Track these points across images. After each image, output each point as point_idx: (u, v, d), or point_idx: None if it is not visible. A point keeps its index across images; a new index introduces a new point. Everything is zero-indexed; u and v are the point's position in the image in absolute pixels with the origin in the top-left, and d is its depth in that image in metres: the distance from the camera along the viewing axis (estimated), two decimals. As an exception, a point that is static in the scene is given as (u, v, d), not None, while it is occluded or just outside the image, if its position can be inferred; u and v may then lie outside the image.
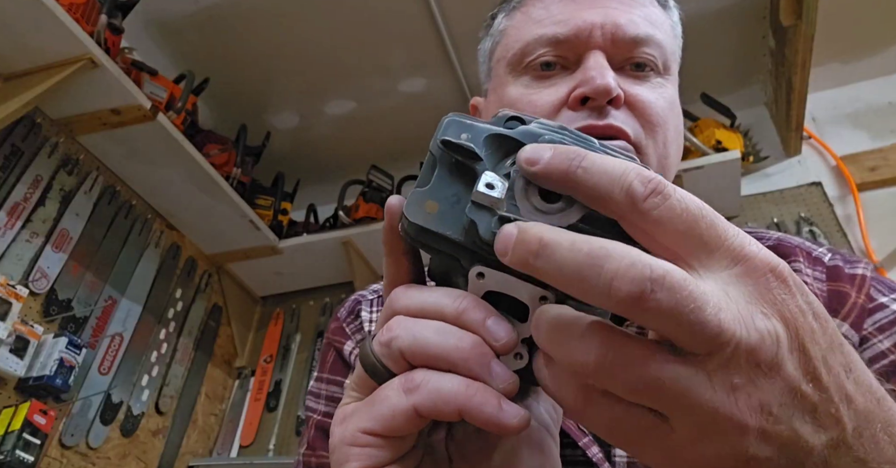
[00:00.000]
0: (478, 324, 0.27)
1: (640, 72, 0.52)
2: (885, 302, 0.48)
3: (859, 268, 0.51)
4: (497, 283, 0.27)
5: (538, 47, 0.52)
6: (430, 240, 0.28)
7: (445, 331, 0.27)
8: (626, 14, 0.52)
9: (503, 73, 0.56)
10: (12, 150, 1.51)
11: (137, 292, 1.80)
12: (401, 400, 0.27)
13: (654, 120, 0.50)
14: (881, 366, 0.45)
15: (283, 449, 1.95)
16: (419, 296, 0.29)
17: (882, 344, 0.45)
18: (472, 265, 0.28)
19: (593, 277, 0.21)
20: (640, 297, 0.20)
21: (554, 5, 0.54)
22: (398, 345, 0.28)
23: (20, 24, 1.38)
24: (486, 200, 0.26)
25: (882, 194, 1.87)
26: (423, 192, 0.28)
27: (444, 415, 0.26)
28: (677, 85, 0.56)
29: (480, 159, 0.28)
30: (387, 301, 0.30)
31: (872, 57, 2.03)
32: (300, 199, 2.27)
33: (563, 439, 0.45)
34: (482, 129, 0.28)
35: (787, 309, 0.22)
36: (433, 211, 0.27)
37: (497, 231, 0.25)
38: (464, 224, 0.27)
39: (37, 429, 1.36)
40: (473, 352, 0.27)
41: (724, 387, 0.21)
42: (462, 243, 0.27)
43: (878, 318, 0.47)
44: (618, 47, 0.51)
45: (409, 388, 0.27)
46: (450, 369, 0.27)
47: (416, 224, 0.27)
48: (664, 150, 0.51)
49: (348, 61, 2.02)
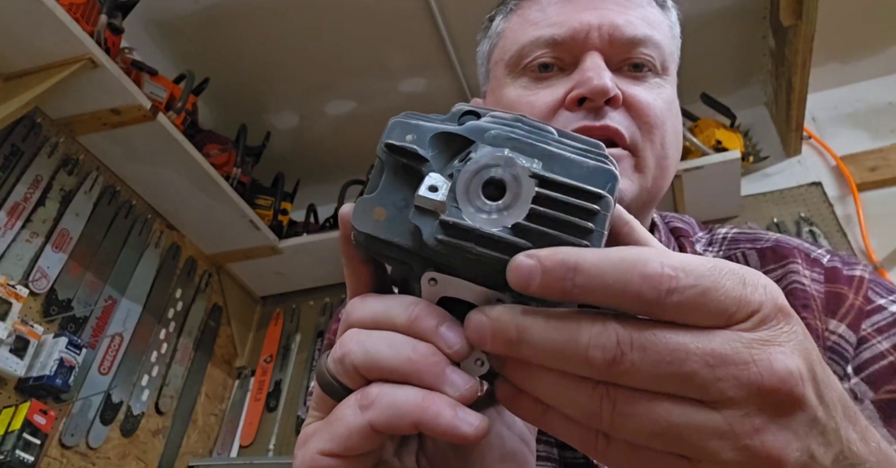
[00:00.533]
0: (430, 331, 0.26)
1: (637, 72, 0.52)
2: (884, 304, 0.48)
3: (857, 270, 0.51)
4: (451, 288, 0.27)
5: (535, 49, 0.52)
6: (381, 248, 0.27)
7: (397, 343, 0.26)
8: (623, 15, 0.52)
9: (501, 74, 0.56)
10: (12, 150, 1.51)
11: (137, 292, 1.80)
12: (357, 417, 0.26)
13: (652, 121, 0.50)
14: (880, 366, 0.45)
15: (283, 449, 1.95)
16: (372, 306, 0.28)
17: (881, 345, 0.45)
18: (423, 271, 0.27)
19: (571, 351, 0.22)
20: (614, 361, 0.22)
21: (550, 7, 0.53)
22: (351, 361, 0.27)
23: (20, 24, 1.38)
24: (428, 204, 0.25)
25: (882, 194, 1.87)
26: (370, 200, 0.27)
27: (401, 428, 0.26)
28: (676, 85, 0.56)
29: (426, 161, 0.26)
30: (343, 313, 0.29)
31: (872, 57, 2.03)
32: (300, 199, 2.27)
33: (563, 442, 0.45)
34: (428, 128, 0.27)
35: (800, 343, 0.22)
36: (381, 218, 0.27)
37: (440, 237, 0.24)
38: (410, 229, 0.26)
39: (37, 429, 1.36)
40: (427, 362, 0.26)
41: (750, 428, 0.21)
42: (411, 249, 0.26)
43: (877, 320, 0.47)
44: (615, 48, 0.51)
45: (365, 405, 0.26)
46: (405, 381, 0.26)
47: (364, 232, 0.27)
48: (662, 150, 0.51)
49: (348, 61, 2.02)
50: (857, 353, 0.46)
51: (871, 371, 0.45)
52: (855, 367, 0.46)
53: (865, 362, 0.46)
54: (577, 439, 0.24)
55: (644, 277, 0.21)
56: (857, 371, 0.46)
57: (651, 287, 0.21)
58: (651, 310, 0.22)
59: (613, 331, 0.22)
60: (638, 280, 0.21)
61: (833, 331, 0.47)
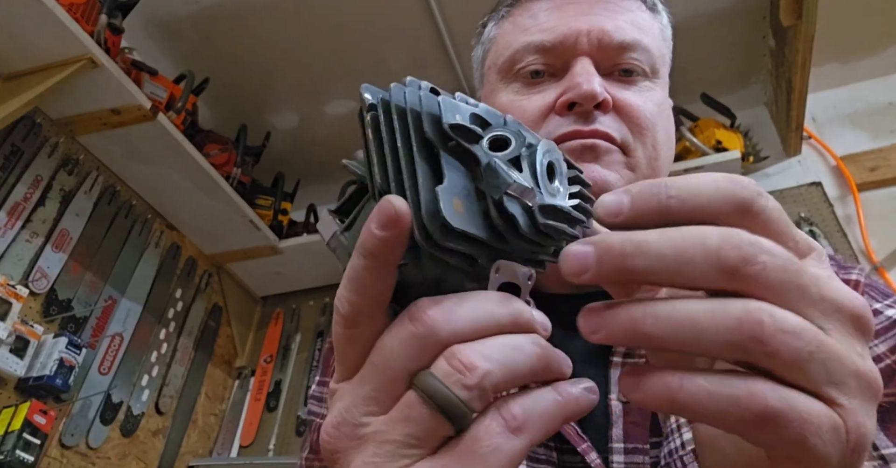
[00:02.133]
0: (531, 321, 0.25)
1: (627, 77, 0.53)
2: (880, 308, 0.48)
3: (853, 274, 0.51)
4: (507, 273, 0.25)
5: (526, 55, 0.53)
6: (455, 244, 0.23)
7: (521, 346, 0.24)
8: (612, 20, 0.52)
9: (494, 80, 0.57)
10: (12, 149, 1.51)
11: (137, 292, 1.80)
12: (513, 443, 0.23)
13: (642, 123, 0.51)
14: (878, 369, 0.45)
15: (283, 449, 1.95)
16: (463, 312, 0.24)
17: (878, 348, 0.46)
18: (491, 262, 0.25)
19: (700, 253, 0.21)
20: (748, 261, 0.20)
21: (541, 13, 0.54)
22: (492, 382, 0.23)
23: (20, 24, 1.38)
24: (519, 191, 0.23)
25: (882, 194, 1.87)
26: (447, 189, 0.23)
27: (549, 435, 0.24)
28: (667, 87, 0.57)
29: (478, 141, 0.24)
30: (414, 327, 0.23)
31: (872, 57, 2.03)
32: (300, 199, 2.27)
33: (562, 445, 0.45)
34: (464, 108, 0.25)
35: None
36: (461, 210, 0.23)
37: (544, 223, 0.24)
38: (490, 220, 0.24)
39: (37, 429, 1.36)
40: (552, 354, 0.25)
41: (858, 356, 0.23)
42: (486, 240, 0.24)
43: (874, 324, 0.47)
44: (605, 53, 0.52)
45: (515, 427, 0.23)
46: (533, 381, 0.24)
47: (456, 228, 0.23)
48: (654, 152, 0.52)
49: (348, 61, 2.02)
50: None
51: None
52: None
53: None
54: (725, 399, 0.21)
55: (733, 181, 0.22)
56: None
57: (742, 188, 0.22)
58: (744, 220, 0.22)
59: (739, 233, 0.21)
60: (727, 184, 0.22)
61: None
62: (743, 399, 0.20)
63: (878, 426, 0.43)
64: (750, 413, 0.20)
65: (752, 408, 0.20)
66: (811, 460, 0.21)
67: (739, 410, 0.20)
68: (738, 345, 0.20)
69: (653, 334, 0.21)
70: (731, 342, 0.20)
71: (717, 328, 0.21)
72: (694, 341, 0.21)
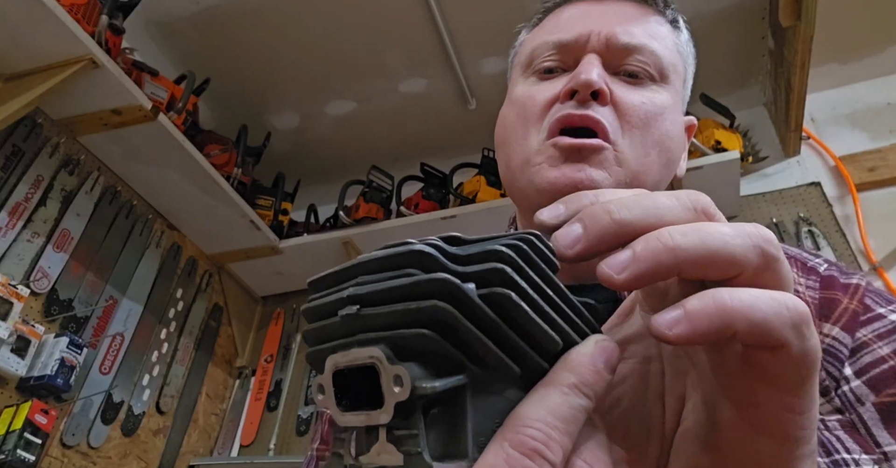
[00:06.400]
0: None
1: (633, 78, 0.55)
2: (883, 312, 0.49)
3: (854, 279, 0.52)
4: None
5: (544, 51, 0.57)
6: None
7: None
8: (626, 25, 0.55)
9: (516, 75, 0.62)
10: (13, 150, 1.51)
11: (138, 292, 1.81)
12: None
13: (636, 121, 0.52)
14: (881, 370, 0.45)
15: (284, 448, 1.96)
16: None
17: (882, 350, 0.46)
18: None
19: (673, 202, 0.24)
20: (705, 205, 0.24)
21: (565, 19, 0.59)
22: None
23: (21, 24, 1.39)
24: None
25: (881, 194, 1.87)
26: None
27: None
28: (679, 97, 0.58)
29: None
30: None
31: (871, 57, 2.04)
32: (300, 199, 2.28)
33: None
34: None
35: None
36: None
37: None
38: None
39: (38, 429, 1.36)
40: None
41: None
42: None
43: (877, 327, 0.48)
44: (612, 53, 0.54)
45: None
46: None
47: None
48: (643, 149, 0.52)
49: (348, 61, 2.02)
50: (859, 357, 0.47)
51: (872, 374, 0.46)
52: (856, 371, 0.46)
53: (867, 366, 0.46)
54: (775, 303, 0.22)
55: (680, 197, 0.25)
56: (859, 374, 0.46)
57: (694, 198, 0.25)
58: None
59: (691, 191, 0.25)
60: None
61: (827, 334, 0.48)
62: (788, 301, 0.22)
63: (882, 424, 0.43)
64: (797, 313, 0.22)
65: (799, 308, 0.22)
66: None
67: (789, 312, 0.22)
68: (759, 248, 0.23)
69: (684, 246, 0.22)
70: (755, 246, 0.23)
71: (741, 233, 0.23)
72: (722, 247, 0.22)
